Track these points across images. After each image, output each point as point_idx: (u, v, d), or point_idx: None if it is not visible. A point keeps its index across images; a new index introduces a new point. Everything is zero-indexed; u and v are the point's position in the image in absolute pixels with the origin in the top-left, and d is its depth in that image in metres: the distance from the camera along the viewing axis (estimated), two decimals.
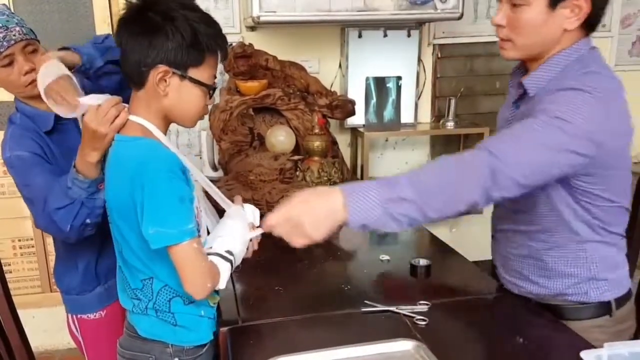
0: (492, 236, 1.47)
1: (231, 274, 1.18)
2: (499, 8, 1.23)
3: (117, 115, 1.18)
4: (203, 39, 1.10)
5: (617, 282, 1.31)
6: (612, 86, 1.15)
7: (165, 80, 1.10)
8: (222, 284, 1.15)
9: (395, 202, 1.02)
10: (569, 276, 1.29)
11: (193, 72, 1.12)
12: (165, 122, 1.17)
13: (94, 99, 1.21)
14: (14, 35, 1.38)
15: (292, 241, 1.03)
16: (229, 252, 1.16)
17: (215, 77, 1.18)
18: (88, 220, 1.35)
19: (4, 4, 1.50)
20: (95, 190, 1.32)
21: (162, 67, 1.09)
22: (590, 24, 1.19)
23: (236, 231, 1.21)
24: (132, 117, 1.15)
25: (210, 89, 1.16)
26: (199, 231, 1.13)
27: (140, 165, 1.07)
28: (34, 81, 1.42)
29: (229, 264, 1.16)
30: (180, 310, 1.19)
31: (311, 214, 1.01)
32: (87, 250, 1.57)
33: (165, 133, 1.17)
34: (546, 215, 1.26)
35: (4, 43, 1.37)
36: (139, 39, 1.09)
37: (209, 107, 1.22)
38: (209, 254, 1.14)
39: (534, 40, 1.20)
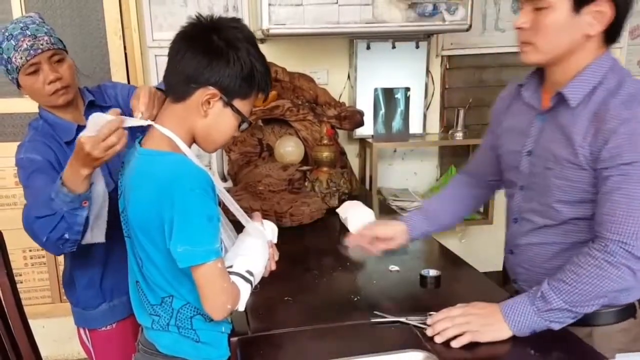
0: (511, 251, 1.44)
1: None
2: (521, 12, 1.23)
3: (117, 142, 1.13)
4: (257, 76, 1.12)
5: (638, 282, 1.28)
6: None
7: (209, 103, 1.10)
8: (241, 306, 1.14)
9: (550, 312, 1.17)
10: None
11: (237, 103, 1.13)
12: (192, 141, 1.16)
13: (98, 120, 1.12)
14: (42, 45, 1.39)
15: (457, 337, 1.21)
16: (249, 272, 1.15)
17: (251, 113, 1.19)
18: (66, 236, 1.30)
19: (36, 12, 1.51)
20: (78, 206, 1.26)
21: (212, 90, 1.09)
22: (610, 34, 1.20)
23: (257, 251, 1.19)
24: (162, 129, 1.12)
25: (246, 122, 1.16)
26: (222, 251, 1.11)
27: (171, 181, 1.05)
28: (57, 90, 1.44)
29: (249, 285, 1.15)
30: (202, 327, 1.18)
31: (478, 327, 1.20)
32: (91, 265, 1.56)
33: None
34: (582, 227, 1.26)
35: (31, 51, 1.38)
36: (199, 57, 1.08)
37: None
38: (229, 273, 1.12)
39: (556, 44, 1.20)
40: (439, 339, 1.20)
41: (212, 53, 1.08)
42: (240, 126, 1.16)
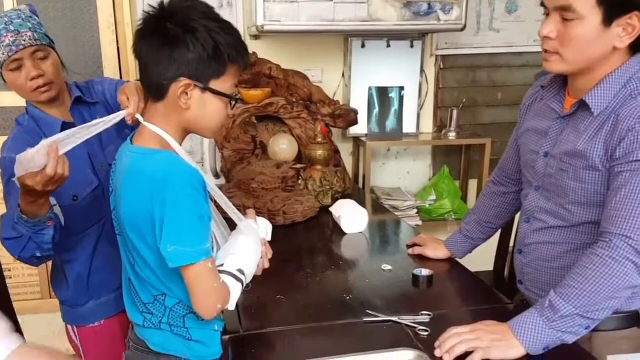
0: (520, 251, 1.44)
1: None
2: (546, 19, 1.20)
3: (63, 171, 1.15)
4: (225, 50, 1.06)
5: None
6: None
7: (187, 93, 1.06)
8: (231, 305, 1.12)
9: (561, 320, 1.12)
10: None
11: (214, 84, 1.08)
12: (184, 134, 1.14)
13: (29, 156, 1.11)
14: (24, 40, 1.37)
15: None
16: (240, 271, 1.13)
17: (236, 86, 1.13)
18: (38, 254, 1.33)
19: (29, 4, 1.48)
20: (42, 227, 1.28)
21: (183, 80, 1.05)
22: (638, 44, 1.18)
23: (249, 249, 1.17)
24: (151, 126, 1.10)
25: (232, 99, 1.12)
26: (213, 250, 1.10)
27: (162, 180, 1.03)
28: (39, 87, 1.42)
29: (240, 284, 1.13)
30: (194, 325, 1.17)
31: (488, 343, 1.14)
32: (78, 263, 1.55)
33: (180, 144, 1.12)
34: (592, 231, 1.24)
35: (12, 47, 1.36)
36: (159, 52, 1.05)
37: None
38: (220, 271, 1.11)
39: (583, 56, 1.17)
40: (447, 358, 1.13)
41: (169, 43, 1.04)
42: (230, 103, 1.12)
